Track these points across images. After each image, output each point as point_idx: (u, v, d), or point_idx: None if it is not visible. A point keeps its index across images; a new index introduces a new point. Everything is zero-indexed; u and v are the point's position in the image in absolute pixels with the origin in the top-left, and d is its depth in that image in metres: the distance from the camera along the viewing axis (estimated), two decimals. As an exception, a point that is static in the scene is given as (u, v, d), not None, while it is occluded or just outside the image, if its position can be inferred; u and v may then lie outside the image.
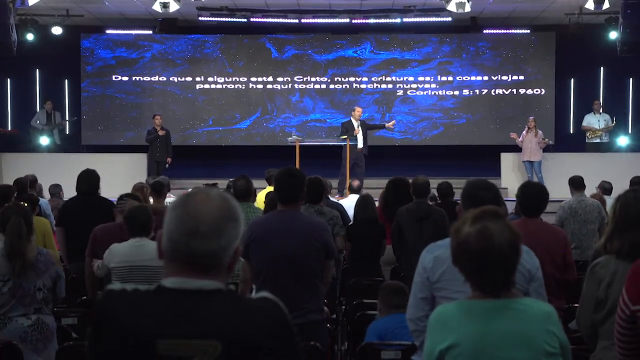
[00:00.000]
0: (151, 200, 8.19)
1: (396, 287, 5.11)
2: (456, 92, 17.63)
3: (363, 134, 14.57)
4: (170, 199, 9.85)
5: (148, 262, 5.23)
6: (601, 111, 16.58)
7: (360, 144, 14.48)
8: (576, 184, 8.87)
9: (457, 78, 17.62)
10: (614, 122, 16.42)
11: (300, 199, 4.76)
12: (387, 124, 15.50)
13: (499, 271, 2.50)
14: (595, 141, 16.28)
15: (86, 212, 6.92)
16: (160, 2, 13.94)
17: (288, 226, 4.66)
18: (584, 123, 16.43)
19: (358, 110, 14.91)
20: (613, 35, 15.54)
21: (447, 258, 3.50)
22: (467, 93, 17.63)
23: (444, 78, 17.65)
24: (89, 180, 7.32)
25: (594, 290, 3.66)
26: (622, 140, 16.96)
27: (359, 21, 16.46)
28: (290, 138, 14.82)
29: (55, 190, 10.93)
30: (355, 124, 14.63)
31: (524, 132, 15.46)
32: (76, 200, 7.43)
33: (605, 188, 10.32)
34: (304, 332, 4.47)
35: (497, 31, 17.61)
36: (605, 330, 3.65)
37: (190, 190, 2.27)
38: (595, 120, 16.35)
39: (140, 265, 5.25)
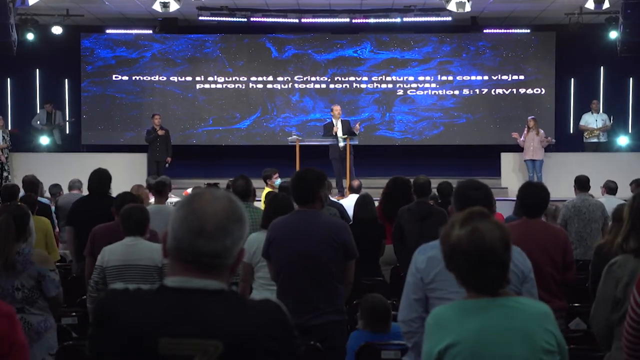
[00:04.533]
0: (152, 200, 8.19)
1: (381, 312, 4.95)
2: (456, 92, 17.63)
3: (344, 133, 14.35)
4: (171, 199, 9.85)
5: (141, 261, 5.23)
6: (600, 111, 16.62)
7: (341, 143, 14.17)
8: (581, 184, 8.83)
9: (457, 78, 17.61)
10: (612, 121, 16.42)
11: (314, 199, 4.70)
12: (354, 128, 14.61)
13: (494, 269, 2.51)
14: (592, 141, 16.30)
15: (96, 211, 6.84)
16: (160, 2, 13.92)
17: (306, 227, 4.64)
18: (582, 122, 16.46)
19: (335, 109, 14.60)
20: (613, 35, 15.53)
21: (441, 258, 3.51)
22: (467, 93, 17.63)
23: (444, 78, 17.64)
24: (99, 180, 7.27)
25: (611, 290, 3.61)
26: (622, 140, 16.96)
27: (359, 21, 16.46)
28: (290, 138, 14.80)
29: (55, 190, 10.92)
30: (335, 122, 14.51)
31: (525, 131, 15.46)
32: (86, 200, 7.39)
33: (610, 187, 10.25)
34: (320, 332, 4.47)
35: (497, 31, 17.60)
36: (622, 330, 3.63)
37: (192, 189, 2.28)
38: (593, 120, 16.37)
39: (133, 264, 5.24)
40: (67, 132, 17.81)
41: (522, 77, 17.56)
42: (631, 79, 17.68)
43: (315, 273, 4.60)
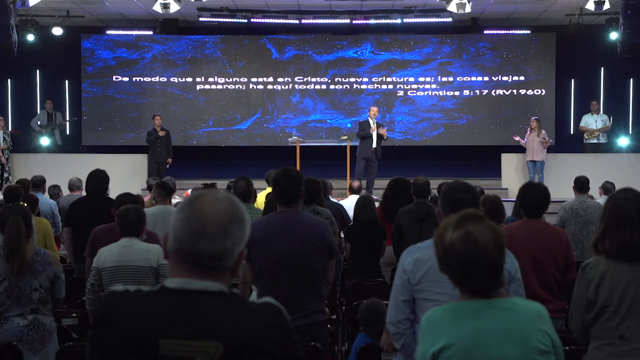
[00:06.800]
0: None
1: (375, 321, 4.94)
2: (457, 93, 17.63)
3: (377, 134, 14.56)
4: (173, 200, 9.85)
5: (135, 262, 5.24)
6: (600, 112, 16.62)
7: (374, 144, 14.52)
8: (581, 185, 8.80)
9: (458, 79, 17.61)
10: (612, 122, 16.42)
11: (299, 198, 4.72)
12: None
13: (488, 272, 2.51)
14: (592, 142, 16.30)
15: (93, 212, 6.86)
16: (160, 3, 13.93)
17: (290, 226, 4.61)
18: (582, 124, 16.46)
19: (373, 110, 14.92)
20: (613, 35, 15.54)
21: (427, 260, 3.52)
22: (468, 94, 17.62)
23: (444, 79, 17.64)
24: (97, 181, 7.29)
25: (583, 291, 3.67)
26: (623, 141, 16.96)
27: (359, 22, 16.46)
28: (290, 139, 14.82)
29: (55, 191, 10.93)
30: (372, 122, 14.64)
31: (527, 132, 15.46)
32: (84, 201, 7.41)
33: (608, 188, 10.23)
34: (306, 333, 4.46)
35: (498, 32, 17.60)
36: (596, 330, 3.66)
37: (191, 191, 2.28)
38: (593, 121, 16.36)
39: (128, 265, 5.24)
40: (68, 133, 17.80)
41: (522, 78, 17.56)
42: (631, 79, 17.68)
43: (303, 273, 4.57)
